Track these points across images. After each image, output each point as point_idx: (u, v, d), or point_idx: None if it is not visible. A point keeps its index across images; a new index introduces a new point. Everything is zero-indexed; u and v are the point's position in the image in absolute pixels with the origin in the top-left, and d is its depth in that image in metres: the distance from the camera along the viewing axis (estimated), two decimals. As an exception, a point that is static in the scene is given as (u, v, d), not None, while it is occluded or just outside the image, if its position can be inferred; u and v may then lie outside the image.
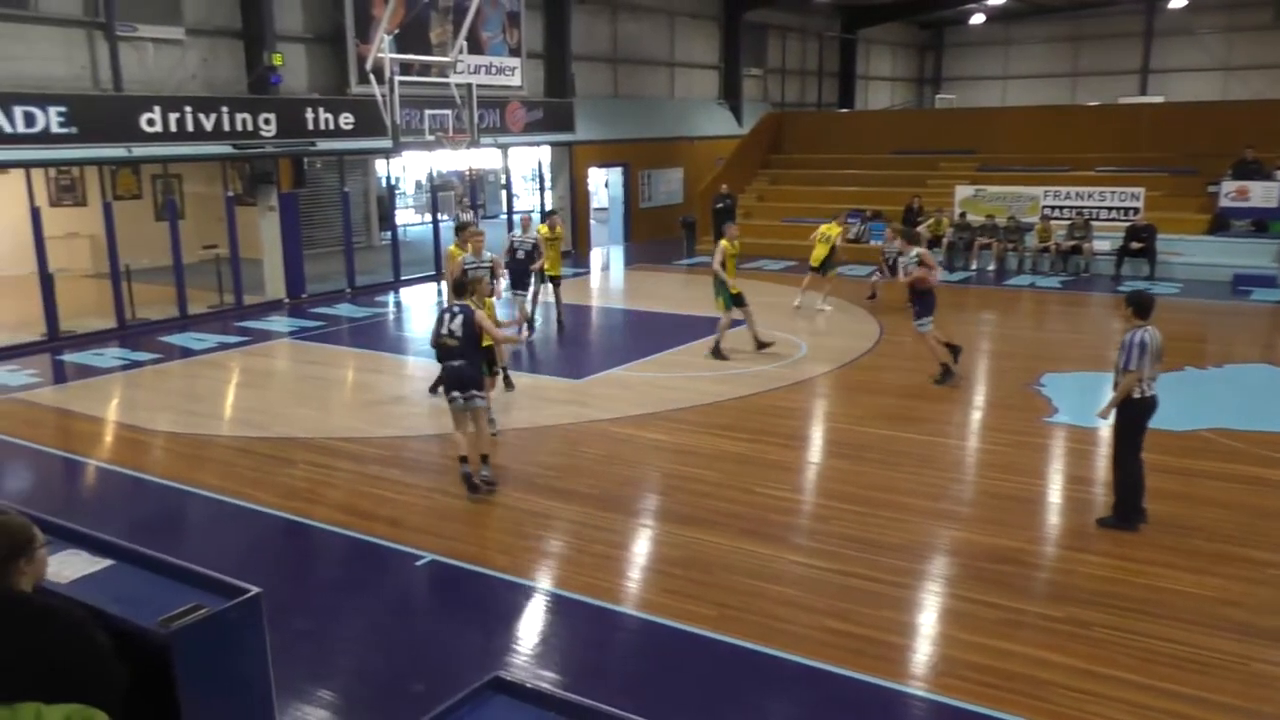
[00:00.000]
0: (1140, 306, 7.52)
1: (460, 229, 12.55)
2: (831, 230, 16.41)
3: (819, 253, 16.26)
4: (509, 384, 11.45)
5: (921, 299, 11.65)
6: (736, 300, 12.81)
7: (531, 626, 6.39)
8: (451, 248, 12.54)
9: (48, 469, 9.69)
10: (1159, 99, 31.36)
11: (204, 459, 9.63)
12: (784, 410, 10.89)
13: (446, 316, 8.31)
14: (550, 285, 15.16)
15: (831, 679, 5.55)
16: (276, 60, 17.14)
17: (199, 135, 15.88)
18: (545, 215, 17.08)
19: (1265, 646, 5.73)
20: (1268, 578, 6.62)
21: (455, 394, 8.33)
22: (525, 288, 14.13)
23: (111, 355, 14.13)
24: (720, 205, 22.02)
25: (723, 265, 12.78)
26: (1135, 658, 5.63)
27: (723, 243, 12.92)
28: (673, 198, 27.49)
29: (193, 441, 10.18)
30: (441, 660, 5.84)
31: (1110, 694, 5.28)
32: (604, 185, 26.19)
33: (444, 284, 16.10)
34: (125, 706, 2.58)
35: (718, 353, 12.79)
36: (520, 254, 14.05)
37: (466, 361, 8.26)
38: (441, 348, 8.40)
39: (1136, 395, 7.32)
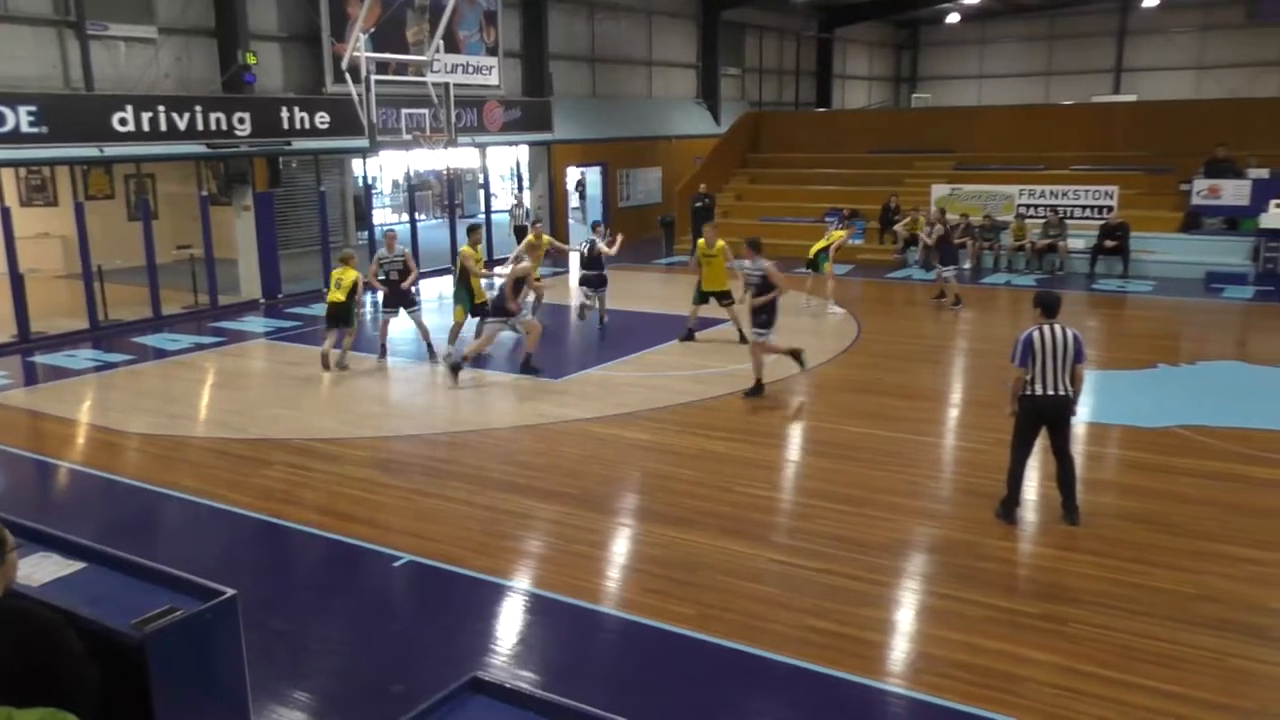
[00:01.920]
0: (1040, 304, 7.53)
1: (471, 230, 13.48)
2: (834, 236, 16.66)
3: (815, 247, 16.41)
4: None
5: (767, 310, 11.13)
6: (702, 298, 13.65)
7: (510, 626, 6.36)
8: (465, 248, 13.13)
9: (19, 472, 9.56)
10: (1132, 98, 31.71)
11: (179, 461, 9.55)
12: (763, 409, 10.90)
13: None
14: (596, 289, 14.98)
15: (812, 677, 5.55)
16: (250, 59, 17.02)
17: (172, 135, 15.73)
18: (529, 226, 16.71)
19: (1241, 642, 5.78)
20: (1243, 573, 6.68)
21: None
22: (398, 308, 13.37)
23: (84, 356, 13.98)
24: (699, 204, 22.06)
25: (699, 262, 13.56)
26: (1113, 654, 5.66)
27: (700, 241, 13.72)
28: (651, 197, 27.52)
29: (167, 443, 10.08)
30: (420, 661, 5.81)
31: (1088, 690, 5.30)
32: (574, 188, 26.05)
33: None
34: (99, 709, 2.55)
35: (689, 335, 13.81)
36: (392, 274, 13.22)
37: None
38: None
39: (1029, 392, 7.32)
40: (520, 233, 23.12)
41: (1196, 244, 19.50)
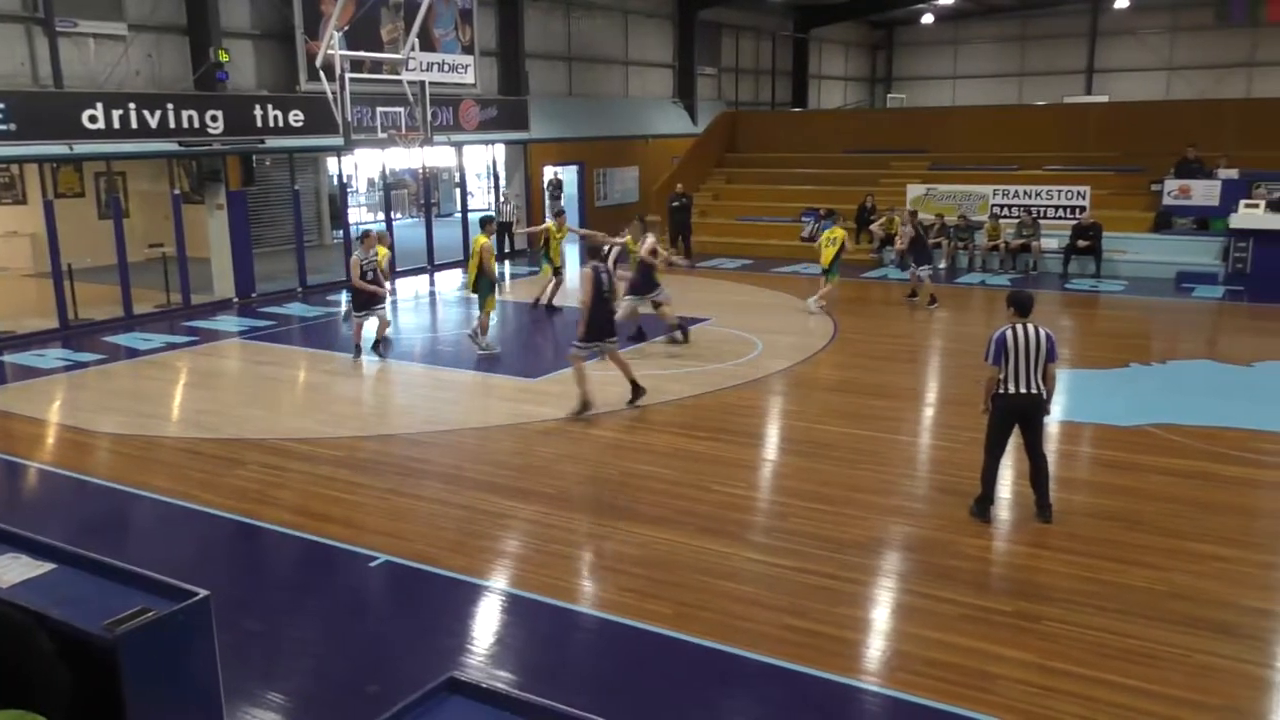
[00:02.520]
0: (1014, 303, 7.59)
1: (485, 222, 14.28)
2: (837, 233, 16.26)
3: (828, 255, 16.00)
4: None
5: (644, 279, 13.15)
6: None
7: (487, 626, 6.35)
8: (481, 237, 13.56)
9: (-12, 473, 9.44)
10: (1104, 98, 31.98)
11: (151, 461, 9.46)
12: (741, 408, 10.93)
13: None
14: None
15: (789, 676, 5.57)
16: (223, 56, 16.88)
17: (144, 132, 15.57)
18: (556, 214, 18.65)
19: (1210, 639, 5.84)
20: (1212, 570, 6.76)
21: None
22: (370, 309, 13.16)
23: (54, 356, 13.82)
24: (676, 204, 22.07)
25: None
26: (1085, 651, 5.71)
27: (652, 241, 13.88)
28: (628, 196, 27.51)
29: (139, 443, 9.99)
30: (395, 661, 5.78)
31: (1060, 687, 5.35)
32: (546, 188, 25.93)
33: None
34: (70, 712, 2.52)
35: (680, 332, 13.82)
36: (368, 275, 13.04)
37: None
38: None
39: (1003, 391, 7.38)
40: (505, 229, 23.13)
41: (1167, 244, 19.71)
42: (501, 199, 23.61)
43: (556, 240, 16.67)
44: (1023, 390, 7.35)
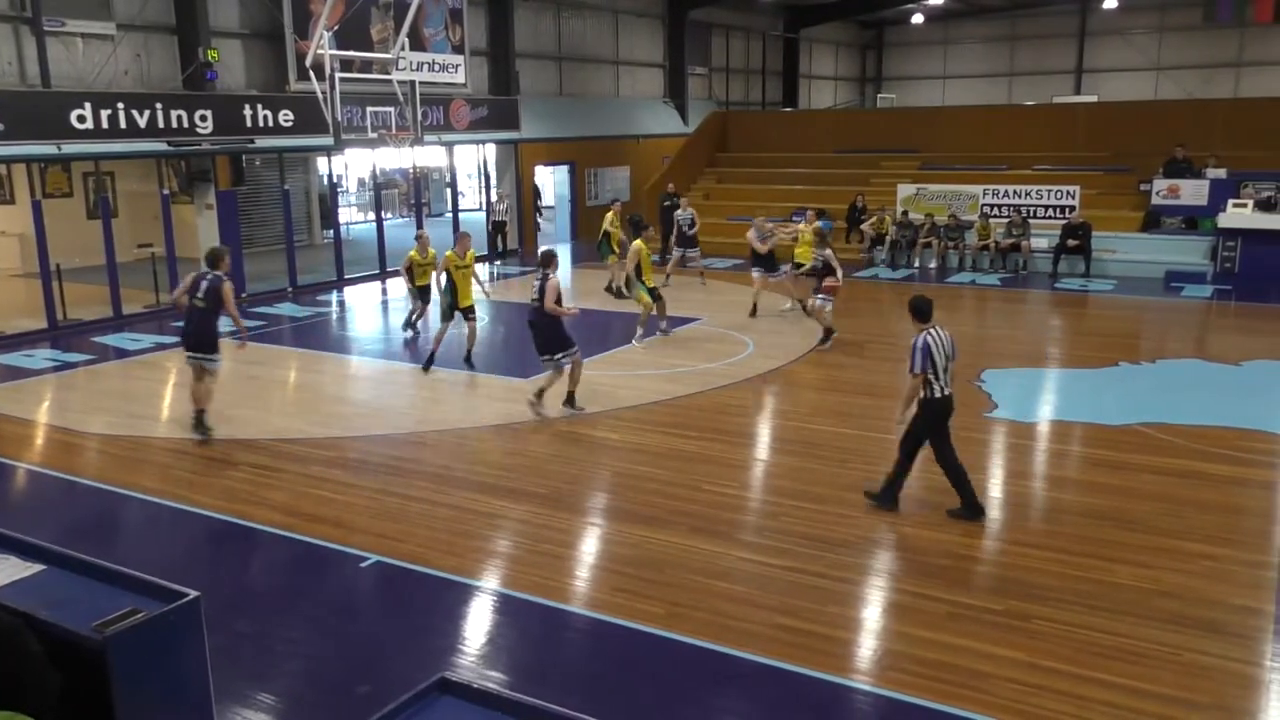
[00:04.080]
0: (919, 311, 7.68)
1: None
2: (806, 233, 15.92)
3: (804, 254, 15.58)
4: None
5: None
6: (653, 293, 13.72)
7: (479, 627, 6.34)
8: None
9: (-24, 474, 9.40)
10: (1093, 98, 32.08)
11: (140, 461, 9.42)
12: (732, 408, 10.94)
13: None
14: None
15: (781, 675, 5.58)
16: (212, 56, 16.83)
17: (132, 132, 15.51)
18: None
19: (1198, 637, 5.87)
20: (1200, 569, 6.79)
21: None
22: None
23: (42, 356, 13.76)
24: (668, 204, 22.05)
25: (638, 265, 13.51)
26: (1074, 649, 5.73)
27: (638, 243, 13.67)
28: (619, 196, 27.46)
29: (128, 444, 9.95)
30: (386, 661, 5.77)
31: (1050, 685, 5.37)
32: (534, 188, 25.86)
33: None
34: (59, 713, 2.51)
35: (642, 337, 13.69)
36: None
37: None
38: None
39: (934, 395, 7.51)
40: (499, 227, 23.08)
41: (1156, 243, 19.79)
42: (494, 198, 23.60)
43: (616, 231, 17.53)
44: (948, 392, 7.55)
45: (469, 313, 12.54)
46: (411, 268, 14.09)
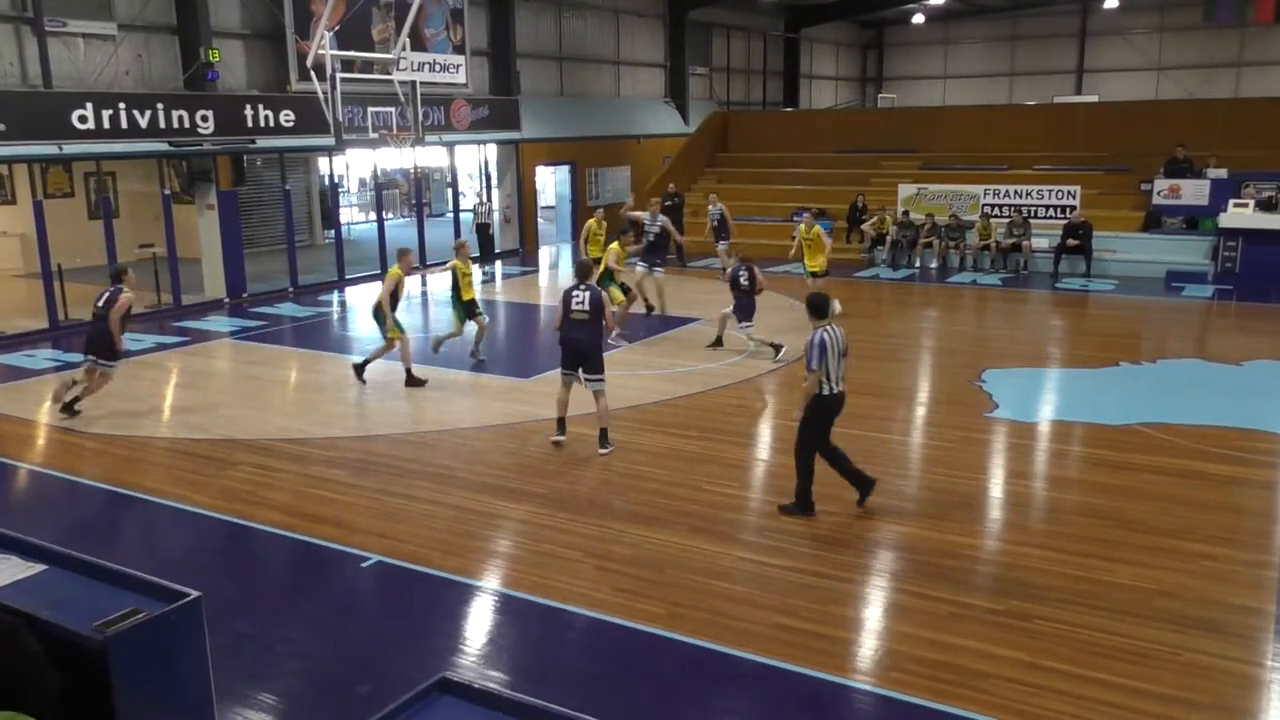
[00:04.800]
0: (815, 309, 7.75)
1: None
2: (806, 231, 15.54)
3: (813, 262, 15.22)
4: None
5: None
6: (625, 289, 14.31)
7: (479, 627, 6.34)
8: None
9: (-23, 474, 9.40)
10: (1093, 98, 32.08)
11: (142, 461, 9.43)
12: (732, 408, 10.94)
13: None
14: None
15: (781, 675, 5.58)
16: (214, 56, 16.83)
17: (133, 132, 15.53)
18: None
19: (1198, 637, 5.87)
20: (1201, 569, 6.79)
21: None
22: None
23: (43, 356, 13.77)
24: (668, 204, 22.05)
25: (616, 262, 14.11)
26: (1074, 649, 5.73)
27: (614, 245, 14.27)
28: (620, 196, 27.40)
29: (129, 444, 9.96)
30: (387, 661, 5.78)
31: (1051, 685, 5.37)
32: (536, 190, 25.95)
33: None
34: (60, 713, 2.51)
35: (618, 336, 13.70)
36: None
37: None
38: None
39: (825, 392, 7.57)
40: (483, 230, 23.09)
41: (1157, 243, 19.79)
42: (478, 200, 23.67)
43: (600, 237, 17.16)
44: (839, 389, 7.64)
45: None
46: (457, 281, 12.73)
